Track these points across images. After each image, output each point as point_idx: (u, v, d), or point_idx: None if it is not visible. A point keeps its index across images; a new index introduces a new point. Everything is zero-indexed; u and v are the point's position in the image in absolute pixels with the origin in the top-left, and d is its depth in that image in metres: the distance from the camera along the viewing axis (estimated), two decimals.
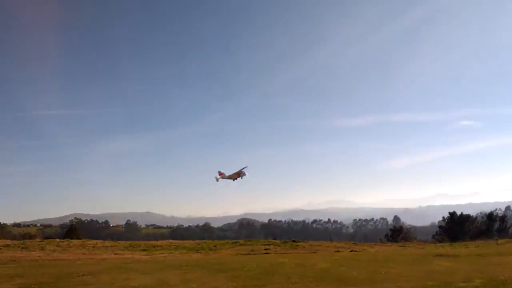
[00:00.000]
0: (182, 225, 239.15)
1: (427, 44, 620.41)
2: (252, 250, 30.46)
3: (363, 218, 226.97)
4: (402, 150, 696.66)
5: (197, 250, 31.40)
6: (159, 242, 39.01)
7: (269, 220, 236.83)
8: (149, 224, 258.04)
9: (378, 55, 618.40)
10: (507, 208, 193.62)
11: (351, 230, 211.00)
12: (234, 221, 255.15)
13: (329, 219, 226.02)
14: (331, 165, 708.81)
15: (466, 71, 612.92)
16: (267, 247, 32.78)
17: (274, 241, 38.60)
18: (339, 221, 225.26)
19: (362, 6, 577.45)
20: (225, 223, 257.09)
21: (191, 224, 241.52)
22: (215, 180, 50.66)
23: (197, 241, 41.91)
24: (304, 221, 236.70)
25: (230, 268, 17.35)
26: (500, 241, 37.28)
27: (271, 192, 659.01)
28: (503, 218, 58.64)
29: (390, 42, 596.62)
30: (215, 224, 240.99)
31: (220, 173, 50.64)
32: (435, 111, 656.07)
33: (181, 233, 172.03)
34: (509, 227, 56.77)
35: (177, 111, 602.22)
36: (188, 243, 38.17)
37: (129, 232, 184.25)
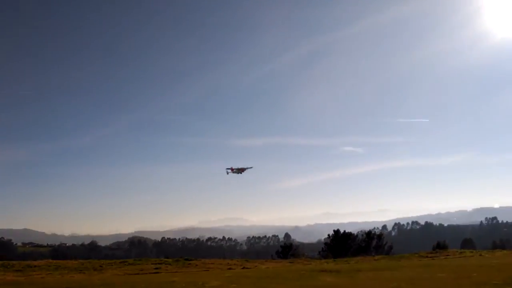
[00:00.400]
0: (65, 244, 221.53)
1: (319, 74, 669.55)
2: (142, 270, 29.21)
3: (256, 235, 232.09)
4: (294, 171, 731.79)
5: (80, 270, 29.15)
6: (36, 262, 35.35)
7: (162, 238, 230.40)
8: (26, 242, 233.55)
9: (275, 80, 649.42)
10: (384, 227, 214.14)
11: (245, 247, 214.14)
12: (124, 239, 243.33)
13: (223, 237, 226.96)
14: (227, 183, 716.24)
15: (351, 102, 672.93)
16: (158, 266, 31.67)
17: (165, 259, 37.38)
18: (233, 239, 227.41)
19: (262, 33, 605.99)
20: (114, 241, 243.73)
21: (75, 243, 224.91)
22: (226, 172, 56.12)
23: (81, 260, 38.89)
24: (198, 239, 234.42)
25: None
26: (376, 257, 40.66)
27: (165, 210, 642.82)
28: (380, 236, 64.30)
29: (287, 69, 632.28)
30: (103, 243, 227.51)
31: (232, 168, 55.61)
32: (324, 137, 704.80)
33: (63, 252, 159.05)
34: (385, 244, 62.36)
35: (62, 121, 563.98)
36: (70, 263, 35.25)
37: (3, 251, 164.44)
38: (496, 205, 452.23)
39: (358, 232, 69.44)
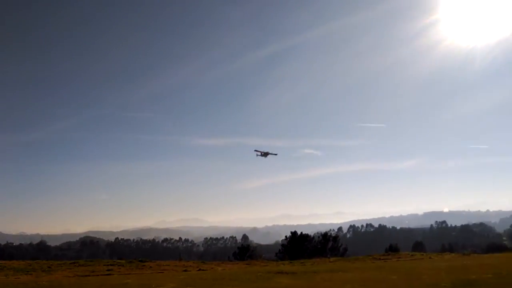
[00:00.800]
0: (12, 243, 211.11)
1: (282, 76, 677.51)
2: (93, 271, 28.16)
3: (214, 236, 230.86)
4: (254, 172, 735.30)
5: (27, 271, 27.70)
6: None
7: (116, 238, 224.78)
8: None
9: (238, 79, 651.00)
10: (339, 229, 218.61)
11: (202, 249, 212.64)
12: (75, 239, 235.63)
13: (180, 238, 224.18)
14: (186, 183, 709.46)
15: (312, 104, 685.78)
16: (110, 267, 30.66)
17: (118, 261, 36.25)
18: (190, 240, 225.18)
19: (228, 31, 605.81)
20: (65, 241, 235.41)
21: (23, 242, 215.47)
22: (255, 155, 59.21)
23: (29, 261, 37.06)
24: (154, 240, 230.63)
25: None
26: (332, 258, 41.31)
27: (119, 209, 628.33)
28: (335, 238, 65.37)
29: (250, 69, 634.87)
30: (52, 243, 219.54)
31: (261, 152, 59.07)
32: (284, 139, 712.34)
33: (10, 252, 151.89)
34: (340, 246, 63.51)
35: (11, 115, 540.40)
36: (17, 263, 33.48)
37: None
38: (446, 210, 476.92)
39: (314, 234, 70.38)
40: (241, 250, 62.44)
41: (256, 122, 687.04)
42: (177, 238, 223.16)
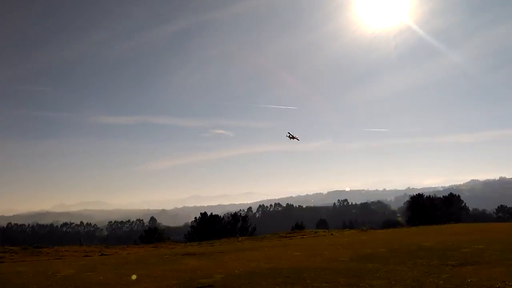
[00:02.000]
0: None
1: (192, 53, 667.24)
2: None
3: (119, 220, 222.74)
4: (163, 152, 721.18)
5: None
6: None
7: (8, 224, 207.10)
8: None
9: (146, 54, 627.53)
10: (249, 209, 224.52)
11: (105, 233, 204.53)
12: None
13: (81, 222, 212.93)
14: (87, 163, 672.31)
15: (221, 84, 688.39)
16: (1, 255, 28.17)
17: (11, 247, 33.35)
18: (92, 224, 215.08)
19: (130, 5, 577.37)
20: None
21: None
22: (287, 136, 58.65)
23: None
24: (52, 224, 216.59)
25: None
26: (240, 238, 42.17)
27: (12, 192, 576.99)
28: (245, 218, 66.68)
29: (159, 44, 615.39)
30: None
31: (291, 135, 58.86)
32: (195, 118, 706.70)
33: None
34: (249, 226, 64.97)
35: None
36: None
37: None
38: (347, 189, 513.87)
39: (224, 214, 71.06)
40: (148, 233, 60.91)
41: (164, 101, 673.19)
42: (78, 222, 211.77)
